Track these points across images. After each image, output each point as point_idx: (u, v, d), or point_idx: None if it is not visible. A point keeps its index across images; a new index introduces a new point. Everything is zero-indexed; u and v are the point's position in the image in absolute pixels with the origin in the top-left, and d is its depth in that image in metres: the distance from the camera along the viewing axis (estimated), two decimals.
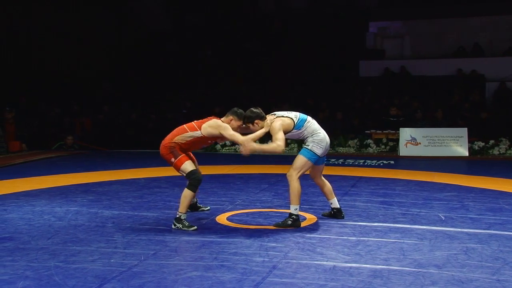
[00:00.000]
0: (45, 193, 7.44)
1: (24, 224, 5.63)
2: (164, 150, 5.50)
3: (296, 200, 5.38)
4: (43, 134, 14.52)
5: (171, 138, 5.49)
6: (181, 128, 5.53)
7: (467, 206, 6.56)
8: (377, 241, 4.94)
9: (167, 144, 5.49)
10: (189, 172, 5.40)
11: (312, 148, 5.44)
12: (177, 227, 5.32)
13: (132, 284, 3.83)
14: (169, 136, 5.54)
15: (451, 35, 18.03)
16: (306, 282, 3.86)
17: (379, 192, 7.48)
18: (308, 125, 5.52)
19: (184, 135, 5.46)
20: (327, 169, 9.98)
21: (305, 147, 5.47)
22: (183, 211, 5.36)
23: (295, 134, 5.52)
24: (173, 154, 5.45)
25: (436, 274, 4.02)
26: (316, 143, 5.46)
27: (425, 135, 12.51)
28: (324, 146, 5.51)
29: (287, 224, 5.39)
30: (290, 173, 5.40)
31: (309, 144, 5.45)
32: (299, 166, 5.41)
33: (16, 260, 4.38)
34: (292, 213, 5.41)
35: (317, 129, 5.55)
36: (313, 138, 5.47)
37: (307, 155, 5.43)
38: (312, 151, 5.44)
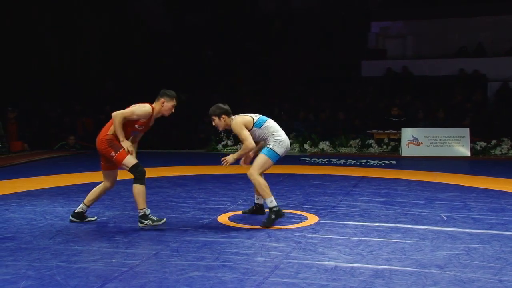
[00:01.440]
0: (47, 193, 7.45)
1: (26, 224, 5.64)
2: (101, 144, 5.25)
3: (267, 193, 5.46)
4: (45, 134, 14.54)
5: (107, 130, 5.27)
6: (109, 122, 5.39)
7: (469, 206, 6.55)
8: (379, 241, 4.94)
9: (103, 138, 5.25)
10: (132, 166, 5.19)
11: (273, 147, 5.53)
12: (145, 224, 5.19)
13: (134, 284, 3.83)
14: (104, 129, 5.31)
15: (453, 35, 18.02)
16: (307, 282, 3.86)
17: (381, 192, 7.47)
18: (268, 125, 5.63)
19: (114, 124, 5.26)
20: (329, 169, 10.01)
21: (267, 147, 5.55)
22: (143, 207, 5.22)
23: (256, 132, 5.58)
24: (113, 148, 5.20)
25: (438, 274, 4.02)
26: (277, 143, 5.54)
27: (427, 135, 12.50)
28: (285, 146, 5.60)
29: (272, 219, 5.42)
30: (251, 172, 5.48)
31: (271, 144, 5.54)
32: (260, 165, 5.50)
33: (18, 260, 4.39)
34: (271, 207, 5.47)
35: (278, 130, 5.66)
36: (274, 137, 5.57)
37: (268, 154, 5.51)
38: (274, 150, 5.52)
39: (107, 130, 5.27)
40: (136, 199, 5.19)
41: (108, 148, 5.20)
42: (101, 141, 5.24)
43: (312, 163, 11.11)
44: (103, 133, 5.27)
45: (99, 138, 5.27)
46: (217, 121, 5.56)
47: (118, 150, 5.17)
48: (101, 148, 5.24)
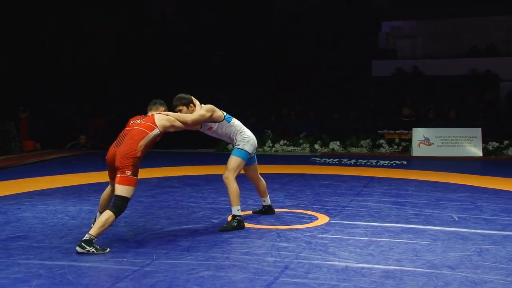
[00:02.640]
0: (58, 192, 7.50)
1: (38, 223, 5.68)
2: (126, 160, 4.65)
3: (236, 201, 5.37)
4: (57, 133, 14.64)
5: (135, 147, 4.70)
6: (139, 132, 4.80)
7: (481, 207, 6.50)
8: (389, 241, 4.91)
9: (133, 154, 4.68)
10: (127, 198, 4.65)
11: (243, 147, 5.46)
12: (87, 250, 4.46)
13: (144, 283, 3.84)
14: (130, 143, 4.72)
15: (464, 35, 17.89)
16: (318, 282, 3.85)
17: (392, 193, 7.44)
18: (235, 122, 5.54)
19: (146, 138, 4.78)
20: (340, 169, 9.99)
21: (237, 147, 5.49)
22: (96, 234, 4.54)
23: (224, 127, 5.47)
24: (133, 169, 4.66)
25: (449, 275, 3.99)
26: (246, 141, 5.48)
27: (438, 135, 12.42)
28: (253, 143, 5.54)
29: (232, 226, 5.30)
30: (226, 175, 5.37)
31: (240, 143, 5.48)
32: (235, 167, 5.41)
33: (30, 258, 4.42)
34: (235, 215, 5.37)
35: (244, 128, 5.59)
36: (242, 136, 5.50)
37: (240, 155, 5.44)
38: (244, 150, 5.46)
39: (136, 146, 4.71)
40: (97, 224, 4.56)
41: (130, 166, 4.65)
42: (128, 156, 4.67)
43: (322, 163, 11.08)
44: (132, 149, 4.69)
45: (126, 152, 4.68)
46: (186, 110, 5.33)
47: (135, 174, 4.68)
48: (123, 164, 4.64)
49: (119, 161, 4.67)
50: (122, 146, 4.73)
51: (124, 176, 4.63)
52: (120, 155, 4.68)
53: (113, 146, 4.82)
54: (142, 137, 4.75)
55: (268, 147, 13.12)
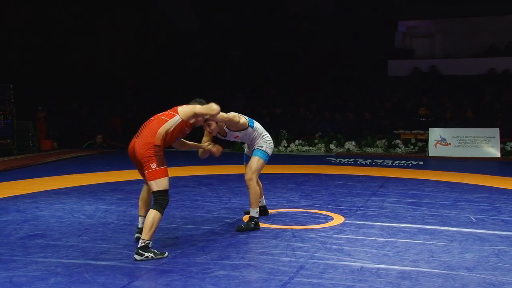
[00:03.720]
0: (75, 191, 7.57)
1: (55, 221, 5.74)
2: (149, 150, 4.48)
3: (257, 203, 5.39)
4: (74, 133, 14.78)
5: (154, 136, 4.53)
6: (158, 120, 4.64)
7: (499, 208, 6.43)
8: (405, 242, 4.88)
9: (152, 142, 4.50)
10: (165, 190, 4.48)
11: (266, 149, 5.49)
12: (145, 256, 4.32)
13: (160, 282, 3.86)
14: (149, 132, 4.56)
15: (482, 34, 17.67)
16: (333, 282, 3.84)
17: (408, 193, 7.38)
18: (257, 126, 5.56)
19: (166, 126, 4.59)
20: (355, 169, 9.94)
21: (259, 149, 5.49)
22: (149, 238, 4.38)
23: (248, 132, 5.45)
24: (157, 160, 4.48)
25: (466, 277, 3.95)
26: (268, 144, 5.53)
27: (455, 135, 12.29)
28: (272, 146, 5.62)
29: (249, 227, 5.32)
30: (250, 176, 5.38)
31: (263, 146, 5.50)
32: (258, 168, 5.44)
33: (48, 256, 4.47)
34: (254, 216, 5.38)
35: (264, 131, 5.63)
36: (264, 139, 5.54)
37: (262, 156, 5.46)
38: (267, 152, 5.49)
39: (154, 134, 4.54)
40: (147, 227, 4.36)
41: (154, 157, 4.48)
42: (148, 145, 4.49)
43: (338, 163, 11.04)
44: (151, 137, 4.53)
45: (145, 141, 4.52)
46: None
47: (162, 165, 4.50)
48: (145, 154, 4.47)
49: (139, 152, 4.52)
50: (141, 136, 4.60)
51: (150, 170, 4.45)
52: (139, 145, 4.53)
53: (133, 138, 4.74)
54: (161, 125, 4.57)
55: (283, 147, 13.10)
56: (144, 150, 4.49)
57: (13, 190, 7.65)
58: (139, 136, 4.63)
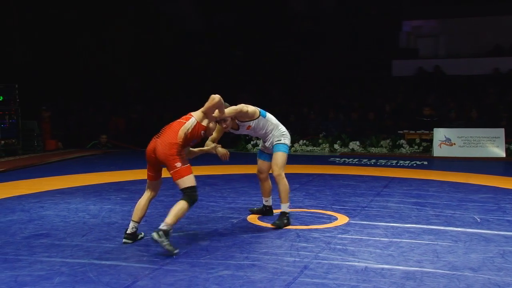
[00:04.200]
0: (80, 191, 7.59)
1: (60, 221, 5.76)
2: (170, 149, 4.57)
3: (287, 198, 5.46)
4: (78, 133, 14.82)
5: (176, 136, 4.63)
6: (178, 123, 4.76)
7: (504, 208, 6.40)
8: (410, 242, 4.87)
9: (174, 142, 4.59)
10: (192, 187, 4.59)
11: (284, 141, 5.50)
12: (162, 241, 4.40)
13: (164, 282, 3.87)
14: (170, 133, 4.67)
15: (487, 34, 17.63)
16: (337, 283, 3.83)
17: (412, 193, 7.37)
18: (270, 116, 5.56)
19: (184, 127, 4.68)
20: (360, 169, 9.92)
21: (278, 143, 5.48)
22: (172, 223, 4.50)
23: (261, 122, 5.45)
24: (181, 158, 4.59)
25: (471, 277, 3.94)
26: (285, 136, 5.53)
27: (460, 135, 12.26)
28: (289, 137, 5.60)
29: (284, 223, 5.39)
30: (278, 172, 5.39)
31: (281, 139, 5.50)
32: (283, 163, 5.44)
33: (52, 256, 4.48)
34: (286, 212, 5.46)
35: (278, 122, 5.61)
36: (280, 131, 5.53)
37: (284, 150, 5.47)
38: (286, 144, 5.51)
39: (176, 135, 4.63)
40: (172, 213, 4.49)
41: (177, 156, 4.56)
42: (171, 145, 4.57)
43: (342, 163, 11.03)
44: (172, 138, 4.61)
45: (167, 141, 4.59)
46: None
47: (186, 163, 4.61)
48: (168, 154, 4.55)
49: (162, 153, 4.57)
50: (162, 137, 4.67)
51: (176, 170, 4.54)
52: (162, 146, 4.59)
53: (153, 139, 4.77)
54: (180, 127, 4.67)
55: None
56: (167, 150, 4.57)
57: (18, 189, 7.67)
58: (160, 137, 4.70)
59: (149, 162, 4.80)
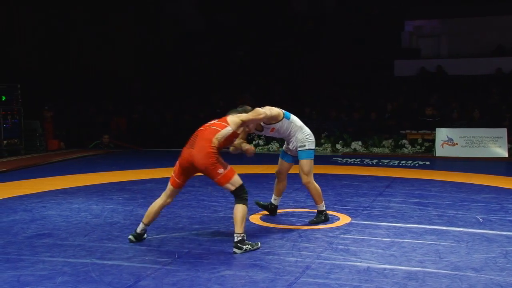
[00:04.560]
0: (82, 190, 7.60)
1: (62, 221, 5.77)
2: (209, 158, 4.57)
3: (321, 199, 5.64)
4: (80, 133, 14.83)
5: (210, 143, 4.62)
6: (211, 130, 4.74)
7: (507, 208, 6.39)
8: (412, 242, 4.86)
9: (210, 150, 4.59)
10: (240, 186, 4.66)
11: (309, 147, 5.52)
12: (245, 249, 4.54)
13: (166, 282, 3.87)
14: (204, 140, 4.64)
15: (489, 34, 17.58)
16: (339, 283, 3.83)
17: (414, 193, 7.36)
18: (294, 118, 5.57)
19: (218, 135, 4.68)
20: (362, 169, 9.92)
21: (302, 150, 5.50)
22: (242, 231, 4.58)
23: (285, 124, 5.47)
24: (221, 164, 4.62)
25: (473, 278, 3.93)
26: (309, 140, 5.53)
27: (462, 135, 12.23)
28: (313, 140, 5.60)
29: (321, 220, 5.62)
30: (307, 180, 5.51)
31: (305, 144, 5.50)
32: (310, 170, 5.52)
33: (55, 256, 4.49)
34: (322, 210, 5.67)
35: (301, 123, 5.62)
36: (304, 135, 5.53)
37: (309, 156, 5.51)
38: (310, 149, 5.53)
39: (210, 142, 4.62)
40: (238, 222, 4.56)
41: (217, 163, 4.59)
42: (208, 154, 4.57)
43: (344, 163, 11.02)
44: (207, 148, 4.60)
45: (203, 151, 4.59)
46: None
47: (227, 166, 4.64)
48: (208, 163, 4.57)
49: (201, 163, 4.58)
50: (197, 146, 4.65)
51: (220, 176, 4.60)
52: (199, 156, 4.59)
53: (186, 147, 4.74)
54: (214, 134, 4.67)
55: None
56: (206, 160, 4.59)
57: (21, 189, 7.68)
58: (194, 147, 4.68)
59: (182, 170, 4.76)
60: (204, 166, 4.59)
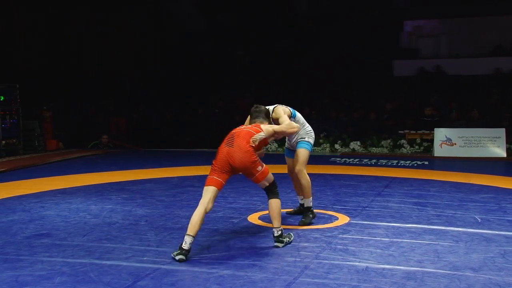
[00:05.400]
0: (81, 191, 7.59)
1: (61, 221, 5.76)
2: (252, 156, 4.71)
3: (310, 193, 5.60)
4: (80, 133, 14.82)
5: (248, 142, 4.77)
6: (247, 132, 4.85)
7: (505, 208, 6.40)
8: (410, 242, 4.87)
9: (250, 149, 4.73)
10: (274, 181, 4.85)
11: (308, 140, 5.64)
12: (285, 243, 4.75)
13: (165, 282, 3.87)
14: (244, 140, 4.76)
15: (489, 34, 17.59)
16: (338, 282, 3.83)
17: (413, 193, 7.36)
18: (299, 116, 5.67)
19: (254, 138, 4.81)
20: (360, 169, 9.92)
21: (302, 141, 5.61)
22: (279, 225, 4.77)
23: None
24: (259, 161, 4.80)
25: (472, 277, 3.94)
26: (309, 135, 5.66)
27: (461, 135, 12.24)
28: (313, 136, 5.74)
29: (310, 218, 5.57)
30: (300, 168, 5.54)
31: (305, 137, 5.62)
32: (305, 160, 5.59)
33: (53, 256, 4.49)
34: (311, 206, 5.62)
35: (304, 121, 5.72)
36: (305, 130, 5.65)
37: (307, 147, 5.61)
38: (309, 142, 5.64)
39: (248, 143, 4.76)
40: (276, 216, 4.73)
41: (257, 161, 4.75)
42: (249, 153, 4.71)
43: (343, 163, 11.02)
44: (247, 146, 4.73)
45: (243, 150, 4.70)
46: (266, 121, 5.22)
47: (263, 165, 4.80)
48: (249, 162, 4.69)
49: (242, 161, 4.68)
50: (236, 144, 4.74)
51: (259, 173, 4.75)
52: (240, 155, 4.69)
53: (223, 146, 4.81)
54: (251, 136, 4.82)
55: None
56: (247, 158, 4.71)
57: (19, 189, 7.68)
58: (233, 145, 4.75)
59: (223, 171, 4.76)
60: (244, 164, 4.71)
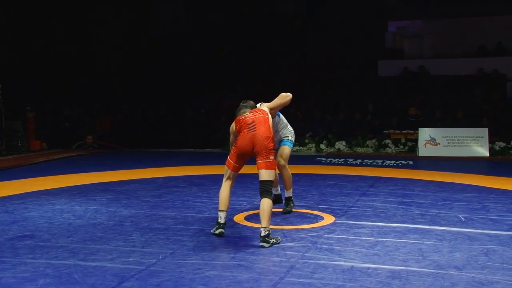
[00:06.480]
0: (65, 191, 7.52)
1: (45, 222, 5.70)
2: (271, 143, 4.90)
3: (291, 185, 6.17)
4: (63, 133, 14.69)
5: (269, 129, 4.98)
6: (264, 118, 5.07)
7: (488, 207, 6.47)
8: (395, 241, 4.90)
9: (271, 135, 4.96)
10: (272, 180, 4.95)
11: (291, 138, 6.17)
12: (271, 243, 4.72)
13: (150, 283, 3.85)
14: (265, 126, 4.98)
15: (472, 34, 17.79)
16: (323, 282, 3.85)
17: (398, 193, 7.42)
18: (282, 117, 6.18)
19: (271, 122, 5.13)
20: (346, 169, 9.97)
21: (286, 139, 6.12)
22: (269, 224, 4.77)
23: (277, 121, 6.05)
24: (274, 153, 4.98)
25: (455, 276, 3.97)
26: (292, 134, 6.19)
27: (444, 135, 12.37)
28: (294, 137, 6.27)
29: (291, 206, 6.16)
30: (284, 163, 6.01)
31: (288, 135, 6.14)
32: (288, 155, 6.08)
33: (37, 257, 4.44)
34: (290, 196, 6.19)
35: (288, 123, 6.23)
36: (289, 129, 6.17)
37: (291, 145, 6.14)
38: (292, 141, 6.18)
39: (269, 130, 4.98)
40: (266, 216, 4.73)
41: (273, 150, 4.94)
42: (270, 139, 4.91)
43: (328, 163, 11.07)
44: (268, 132, 4.95)
45: (264, 134, 4.90)
46: None
47: (274, 158, 4.97)
48: (267, 147, 4.86)
49: (262, 144, 4.85)
50: (258, 129, 4.92)
51: (269, 161, 4.87)
52: (261, 137, 4.87)
53: (246, 132, 4.96)
54: (267, 122, 5.05)
55: None
56: (267, 143, 4.90)
57: (2, 190, 7.59)
58: (256, 130, 4.94)
59: (243, 155, 5.01)
60: (263, 147, 4.86)
